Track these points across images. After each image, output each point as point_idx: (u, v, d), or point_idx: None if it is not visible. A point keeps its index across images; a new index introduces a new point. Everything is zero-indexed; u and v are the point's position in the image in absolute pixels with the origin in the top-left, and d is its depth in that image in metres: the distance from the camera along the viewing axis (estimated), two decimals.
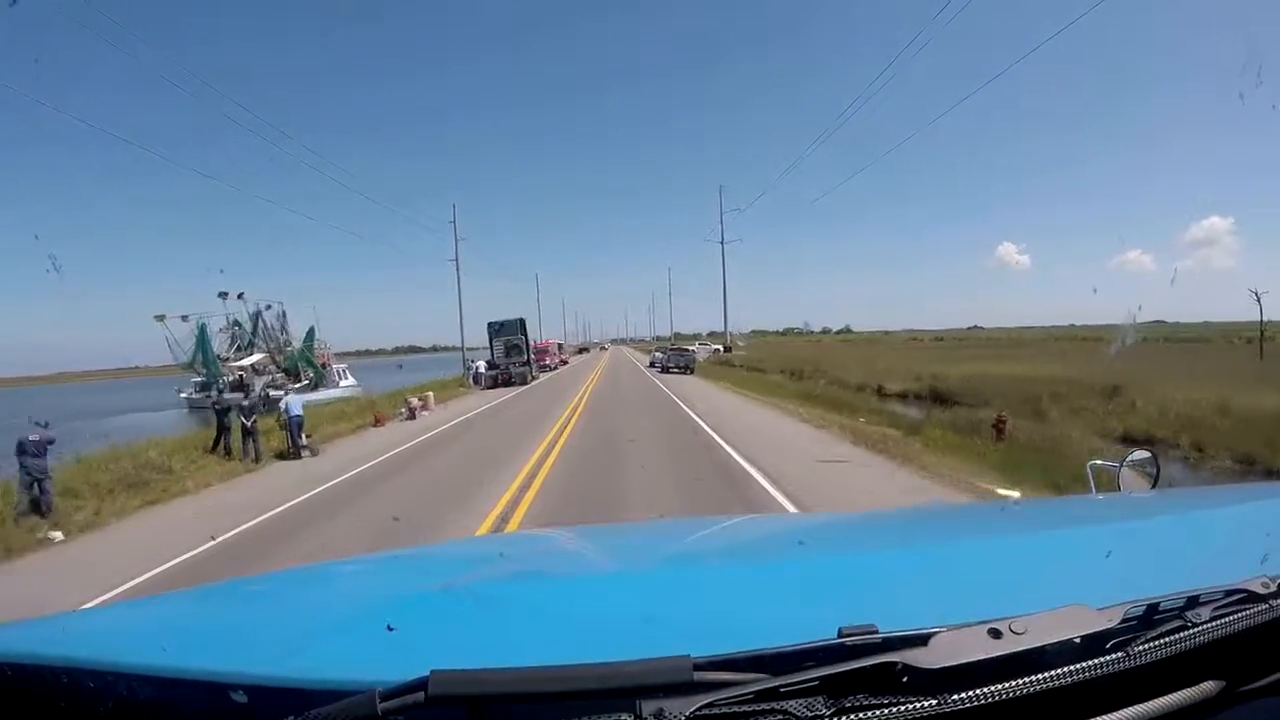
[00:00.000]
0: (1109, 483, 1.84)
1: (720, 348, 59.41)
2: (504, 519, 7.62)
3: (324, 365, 36.67)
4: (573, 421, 16.61)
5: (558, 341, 64.08)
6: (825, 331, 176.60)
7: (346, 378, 37.60)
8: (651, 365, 45.03)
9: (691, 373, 35.94)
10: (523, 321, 35.89)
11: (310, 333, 36.66)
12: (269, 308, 36.79)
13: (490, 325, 36.03)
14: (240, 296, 35.40)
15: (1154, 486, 1.77)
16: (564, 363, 57.84)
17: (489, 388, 32.14)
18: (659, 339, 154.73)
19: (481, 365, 35.59)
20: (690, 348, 48.04)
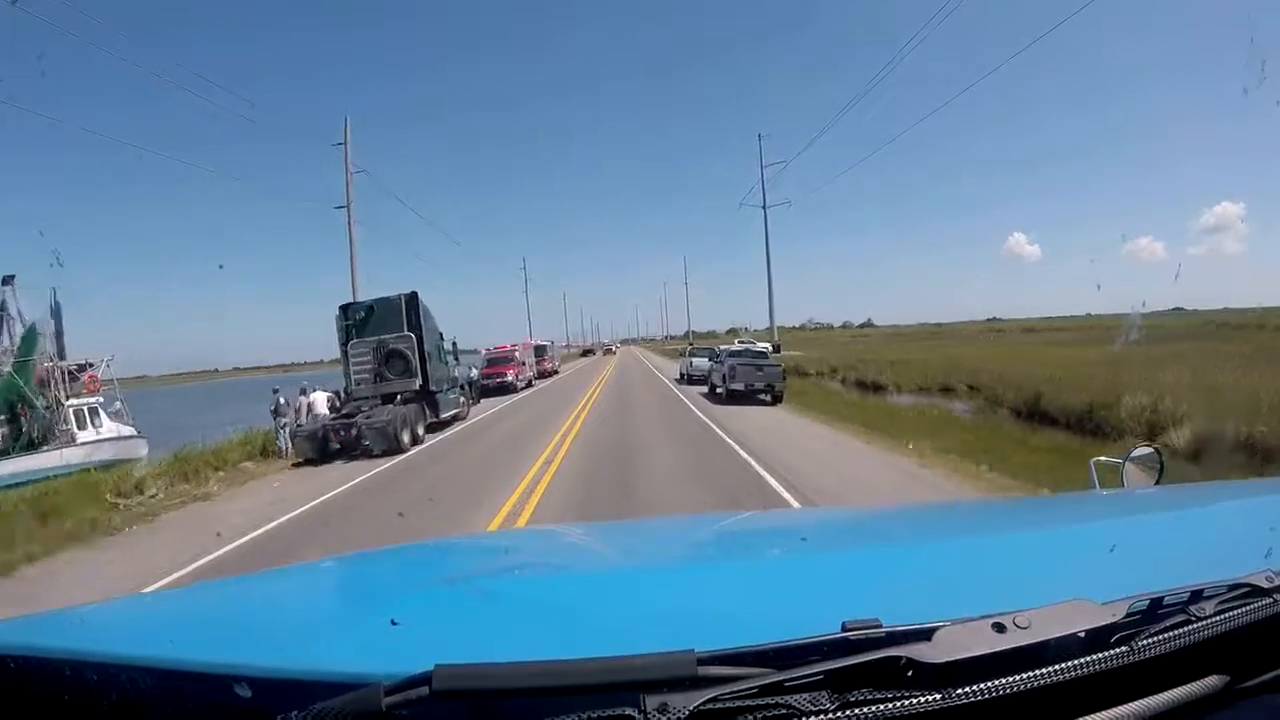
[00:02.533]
0: (1113, 479, 1.84)
1: (769, 346, 36.78)
2: None
3: (53, 403, 19.10)
4: None
5: (535, 342, 39.01)
6: (845, 326, 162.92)
7: (99, 422, 20.13)
8: (684, 380, 26.19)
9: (778, 401, 17.59)
10: (411, 300, 15.69)
11: (28, 339, 19.08)
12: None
13: (343, 313, 16.05)
14: (7, 281, 19.32)
15: (1158, 482, 1.77)
16: (548, 374, 37.41)
17: (314, 457, 13.13)
18: (671, 338, 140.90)
19: (320, 404, 15.14)
20: (762, 351, 25.78)
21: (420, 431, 14.46)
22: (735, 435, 12.13)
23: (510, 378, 28.23)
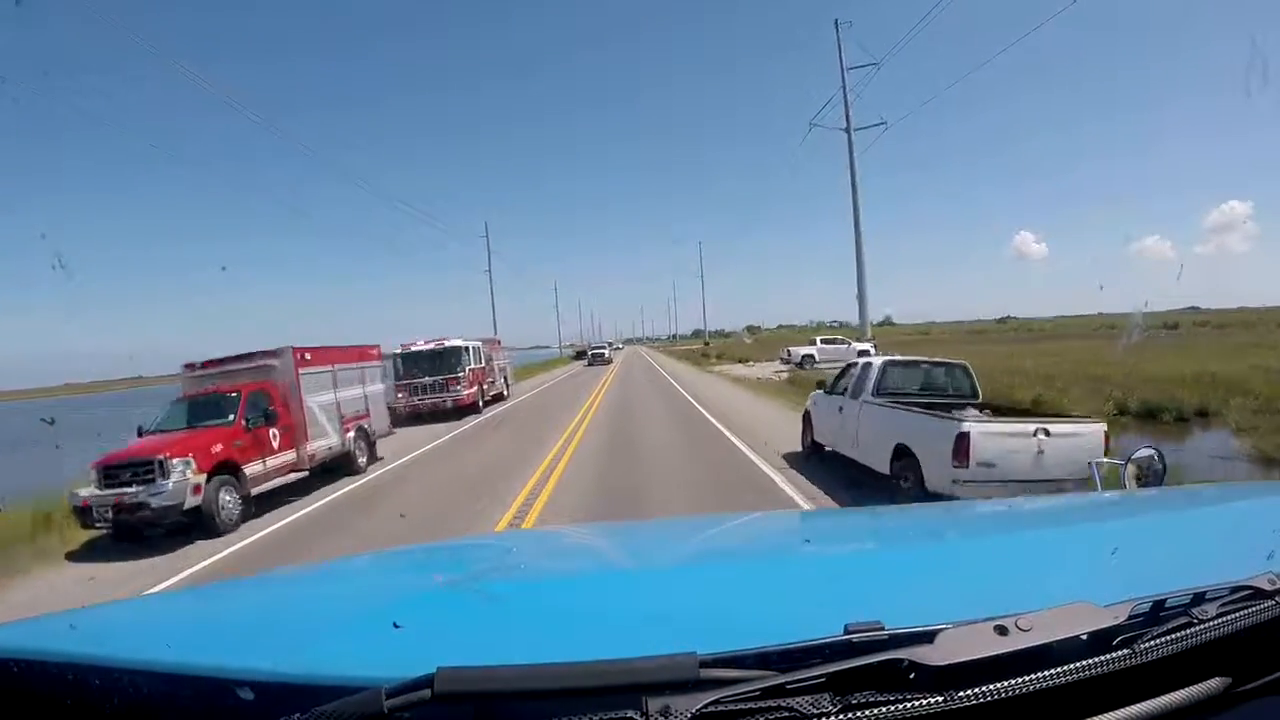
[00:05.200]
0: (1115, 481, 1.84)
1: (870, 347, 21.53)
2: None
3: None
4: None
5: (406, 348, 19.09)
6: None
7: None
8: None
9: None
10: None
11: None
12: None
13: None
14: None
15: (1159, 484, 1.77)
16: (462, 408, 18.46)
17: None
18: (677, 337, 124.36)
19: None
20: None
21: None
22: None
23: (153, 500, 7.37)
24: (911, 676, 0.63)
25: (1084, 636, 0.67)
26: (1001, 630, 0.67)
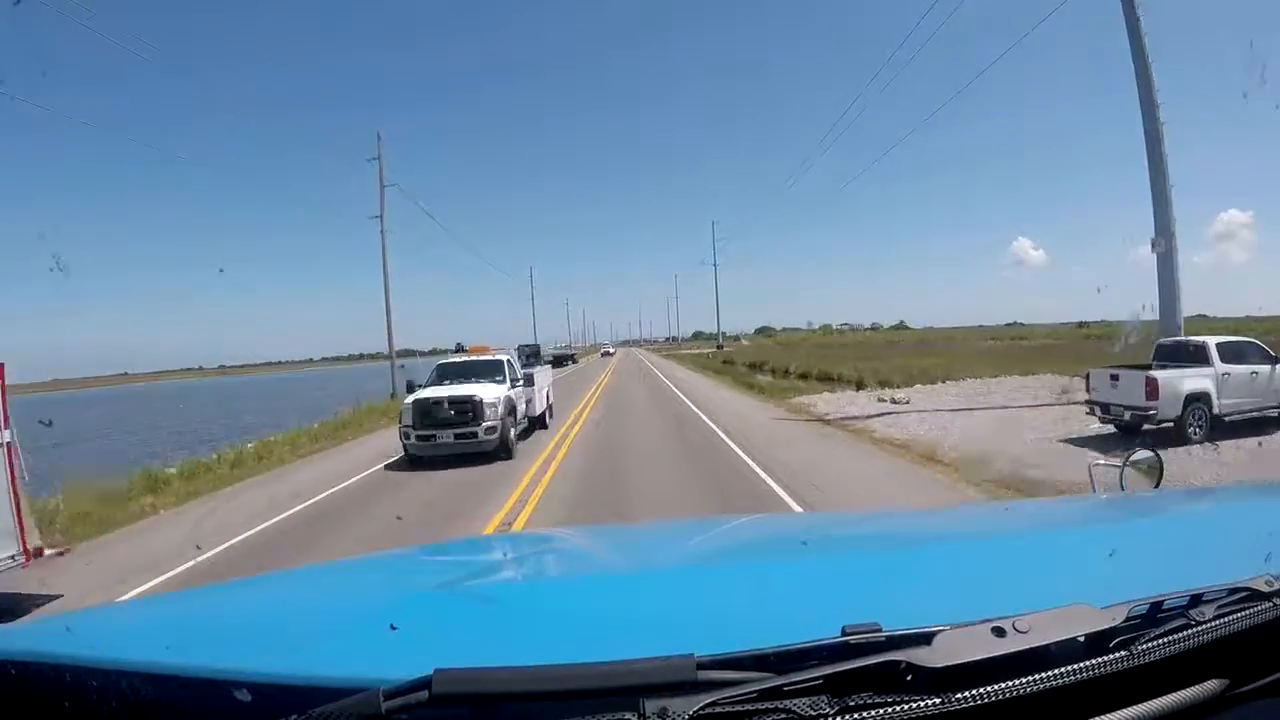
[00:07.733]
0: (1112, 483, 1.84)
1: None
2: None
3: None
4: None
5: None
6: (875, 328, 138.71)
7: None
8: None
9: None
10: None
11: None
12: None
13: None
14: None
15: (1156, 486, 1.77)
16: None
17: None
18: (675, 340, 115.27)
19: None
20: None
21: None
22: None
23: None
24: (909, 678, 0.63)
25: (1081, 638, 0.67)
26: (999, 632, 0.67)
